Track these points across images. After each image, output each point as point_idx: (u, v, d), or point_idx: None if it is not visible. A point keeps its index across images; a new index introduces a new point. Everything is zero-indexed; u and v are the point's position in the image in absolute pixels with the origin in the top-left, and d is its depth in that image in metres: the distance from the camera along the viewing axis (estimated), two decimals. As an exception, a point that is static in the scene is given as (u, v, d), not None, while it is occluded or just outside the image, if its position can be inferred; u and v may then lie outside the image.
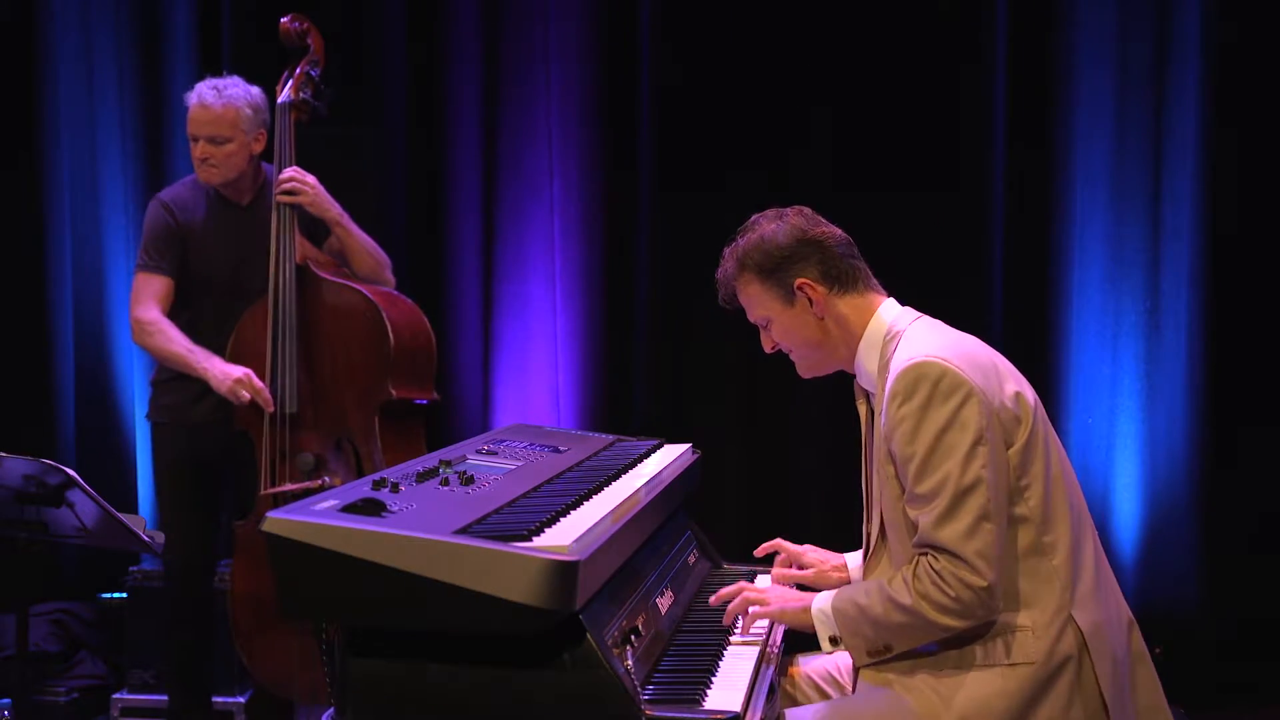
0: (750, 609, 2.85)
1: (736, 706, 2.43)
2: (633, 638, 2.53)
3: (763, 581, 3.28)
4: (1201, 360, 5.09)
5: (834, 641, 2.73)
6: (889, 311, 2.80)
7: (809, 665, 3.01)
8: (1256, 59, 5.07)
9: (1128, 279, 5.15)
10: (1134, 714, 2.68)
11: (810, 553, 3.15)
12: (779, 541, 3.20)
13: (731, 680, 2.61)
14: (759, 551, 3.25)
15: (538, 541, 2.33)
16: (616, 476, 3.07)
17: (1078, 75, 5.14)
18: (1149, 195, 5.13)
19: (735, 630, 2.89)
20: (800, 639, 2.87)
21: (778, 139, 5.23)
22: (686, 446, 3.68)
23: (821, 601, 2.74)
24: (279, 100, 4.25)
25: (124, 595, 4.91)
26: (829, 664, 2.97)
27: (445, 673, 2.33)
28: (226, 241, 4.28)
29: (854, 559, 3.08)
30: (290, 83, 4.27)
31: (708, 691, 2.52)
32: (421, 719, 2.35)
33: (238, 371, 4.09)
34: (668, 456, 3.49)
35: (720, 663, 2.71)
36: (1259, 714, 4.98)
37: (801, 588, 3.05)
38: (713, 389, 5.31)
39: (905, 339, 2.71)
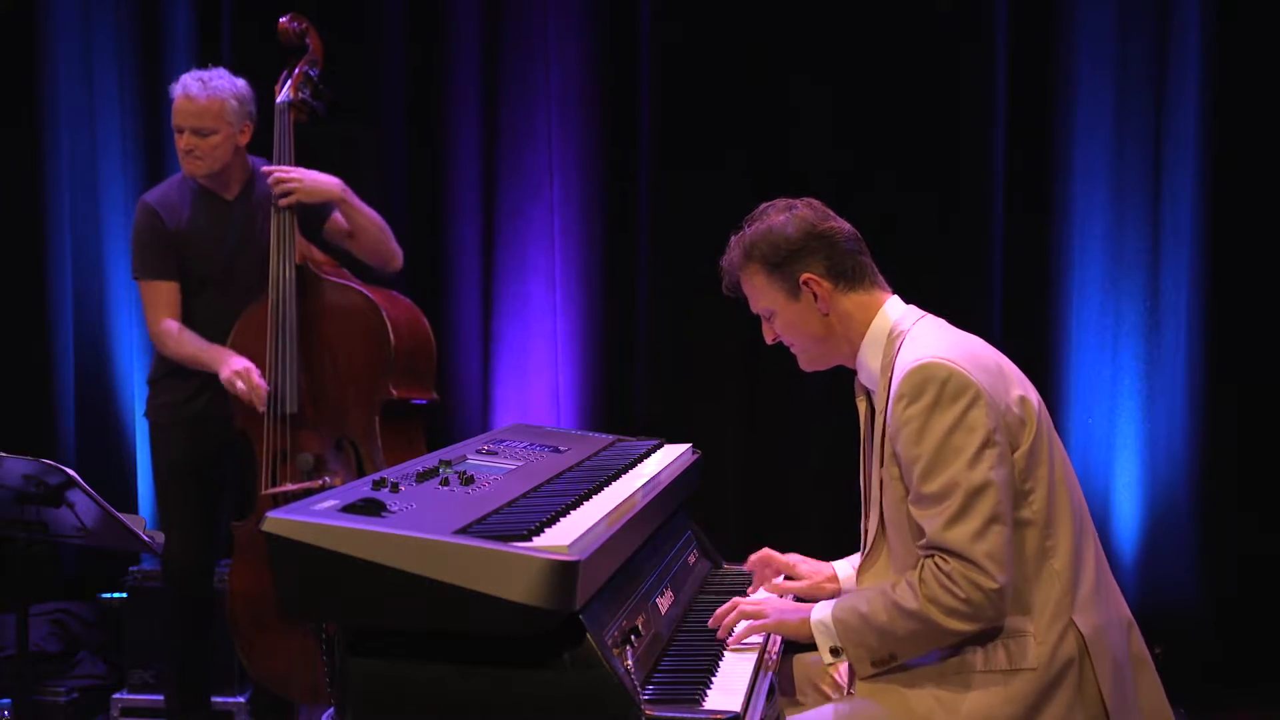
0: (745, 623, 2.80)
1: (736, 707, 2.43)
2: (633, 638, 2.53)
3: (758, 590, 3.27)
4: (1201, 360, 5.08)
5: (835, 653, 2.67)
6: (894, 309, 2.78)
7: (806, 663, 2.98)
8: (1256, 59, 5.06)
9: (1128, 279, 5.14)
10: (1138, 717, 2.66)
11: (802, 564, 3.10)
12: (767, 552, 3.17)
13: (731, 681, 2.60)
14: (749, 566, 3.21)
15: (538, 541, 2.33)
16: (617, 476, 3.07)
17: (1078, 75, 5.13)
18: (1149, 195, 5.12)
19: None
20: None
21: (779, 141, 5.22)
22: (686, 447, 3.67)
23: (821, 612, 2.70)
24: (278, 100, 4.25)
25: (124, 595, 4.91)
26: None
27: (445, 673, 2.33)
28: (216, 238, 4.28)
29: (844, 569, 3.05)
30: (289, 82, 4.27)
31: (708, 692, 2.51)
32: (421, 719, 2.35)
33: (239, 364, 4.09)
34: (668, 456, 3.49)
35: (720, 663, 2.70)
36: (1259, 714, 4.98)
37: (796, 599, 3.03)
38: (713, 388, 5.30)
39: (910, 338, 2.69)
